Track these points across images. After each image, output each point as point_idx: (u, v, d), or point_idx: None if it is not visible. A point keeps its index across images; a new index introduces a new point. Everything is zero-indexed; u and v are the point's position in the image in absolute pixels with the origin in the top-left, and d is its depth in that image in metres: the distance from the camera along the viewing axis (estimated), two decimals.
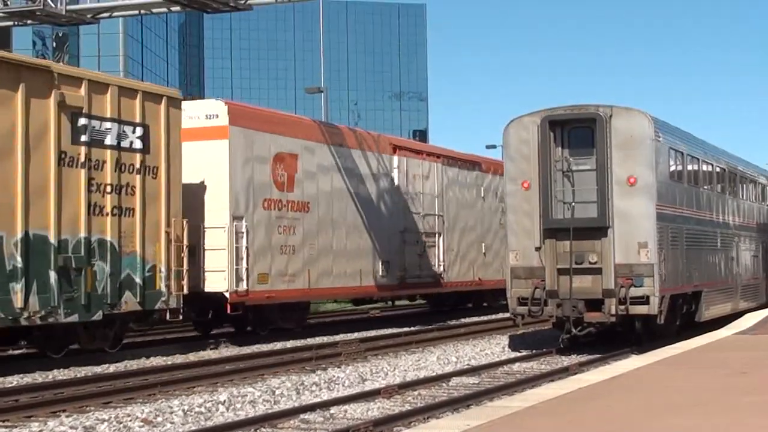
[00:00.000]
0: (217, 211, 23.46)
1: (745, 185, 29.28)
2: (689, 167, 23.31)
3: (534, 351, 21.19)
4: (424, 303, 39.24)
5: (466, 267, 33.96)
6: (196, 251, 22.80)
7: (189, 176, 22.69)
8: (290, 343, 23.34)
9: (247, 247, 23.67)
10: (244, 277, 23.55)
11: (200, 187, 23.55)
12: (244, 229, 23.69)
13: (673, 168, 22.02)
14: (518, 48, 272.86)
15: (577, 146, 20.60)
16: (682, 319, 22.46)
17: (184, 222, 21.72)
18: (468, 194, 34.67)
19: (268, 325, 25.57)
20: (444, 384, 16.44)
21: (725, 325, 21.95)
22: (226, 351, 22.00)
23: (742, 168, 29.12)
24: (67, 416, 13.24)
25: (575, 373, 16.18)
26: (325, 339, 24.44)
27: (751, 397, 10.79)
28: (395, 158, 30.28)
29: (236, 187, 23.79)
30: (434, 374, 17.64)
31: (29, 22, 25.72)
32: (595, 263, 19.99)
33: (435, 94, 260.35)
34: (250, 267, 23.75)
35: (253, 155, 24.39)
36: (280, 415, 12.84)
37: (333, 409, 13.42)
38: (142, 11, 26.05)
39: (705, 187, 24.75)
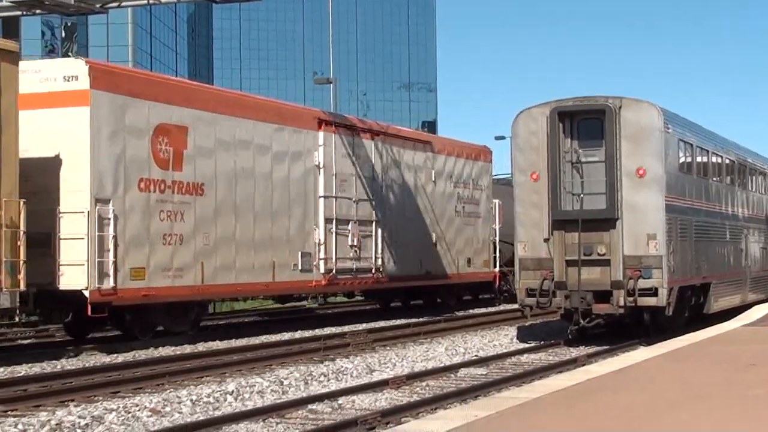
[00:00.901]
0: (75, 192, 19.60)
1: (754, 177, 29.20)
2: (698, 159, 23.25)
3: (542, 342, 21.19)
4: (373, 300, 35.36)
5: (412, 259, 29.96)
6: (50, 241, 19.34)
7: (43, 150, 19.58)
8: (298, 334, 23.36)
9: (115, 236, 19.87)
10: (111, 273, 19.77)
11: (55, 164, 19.73)
12: (110, 215, 19.87)
13: (682, 160, 21.96)
14: (528, 39, 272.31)
15: (586, 138, 20.56)
16: (691, 311, 22.43)
17: (21, 203, 18.11)
18: (415, 177, 30.72)
19: (152, 328, 21.92)
20: (452, 375, 16.45)
21: (734, 317, 21.92)
22: (235, 342, 22.00)
23: (752, 160, 29.03)
24: (75, 406, 13.28)
25: (583, 365, 16.17)
26: (333, 329, 24.45)
27: (758, 390, 10.77)
28: (321, 134, 26.12)
29: (100, 164, 19.92)
30: (442, 365, 17.65)
31: (38, 11, 25.70)
32: (604, 255, 19.96)
33: (444, 85, 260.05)
34: (120, 260, 20.03)
35: (126, 126, 20.55)
36: (288, 405, 12.86)
37: (341, 400, 13.44)
38: (151, 1, 25.99)
39: (714, 178, 24.69)
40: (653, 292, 19.80)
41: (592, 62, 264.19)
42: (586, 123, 20.58)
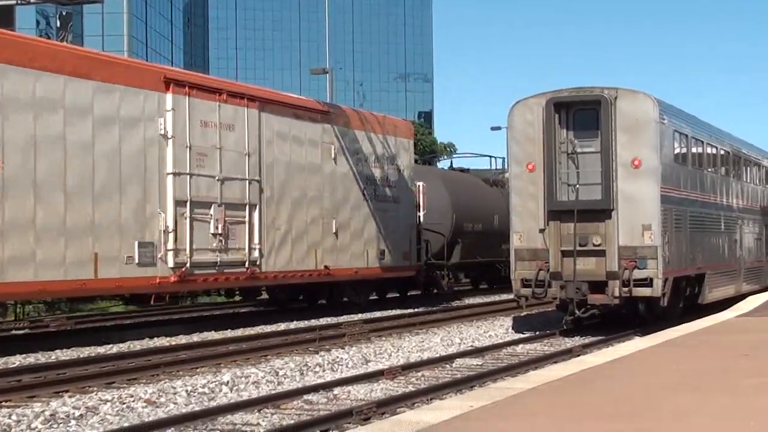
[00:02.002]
0: None
1: (749, 168, 29.22)
2: (694, 150, 23.26)
3: (537, 333, 21.21)
4: (264, 299, 30.54)
5: (303, 251, 25.40)
6: None
7: None
8: (294, 324, 23.36)
9: None
10: None
11: None
12: None
13: (677, 150, 21.97)
14: (524, 30, 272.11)
15: (582, 128, 20.56)
16: (686, 301, 22.47)
17: None
18: (309, 154, 25.93)
19: None
20: (447, 365, 16.46)
21: (728, 308, 21.96)
22: (230, 332, 22.00)
23: (747, 151, 29.05)
24: (69, 396, 13.27)
25: (578, 355, 16.20)
26: (328, 320, 24.45)
27: (753, 380, 10.79)
28: (169, 97, 21.40)
29: None
30: (438, 355, 17.66)
31: (32, 1, 25.63)
32: (599, 245, 19.97)
33: (440, 76, 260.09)
34: None
35: None
36: (283, 396, 12.86)
37: (336, 390, 13.45)
38: None
39: (709, 169, 24.70)
40: (648, 282, 19.83)
41: (588, 53, 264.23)
42: (581, 114, 20.58)
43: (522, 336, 20.89)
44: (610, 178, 19.96)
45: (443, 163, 56.86)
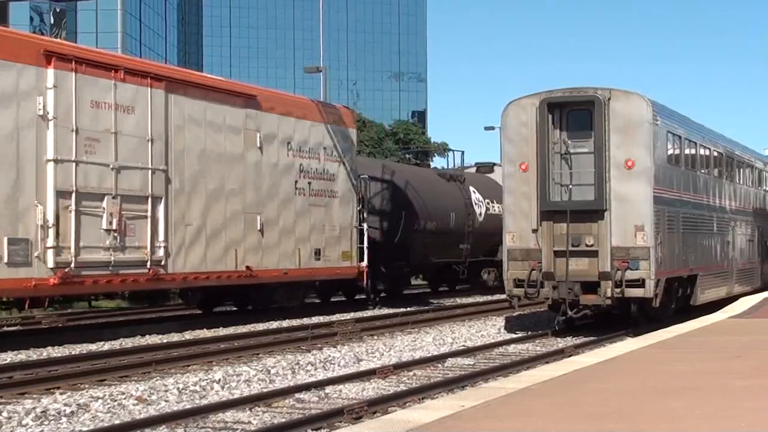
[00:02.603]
0: None
1: (742, 170, 29.27)
2: (687, 151, 23.28)
3: (530, 333, 21.22)
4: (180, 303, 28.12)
5: (220, 250, 22.86)
6: None
7: None
8: (286, 323, 23.34)
9: None
10: None
11: None
12: None
13: (670, 152, 21.99)
14: (518, 30, 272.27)
15: (575, 129, 20.57)
16: (678, 302, 22.49)
17: None
18: (229, 142, 23.40)
19: None
20: (439, 365, 16.46)
21: (720, 309, 21.98)
22: (222, 330, 21.98)
23: (740, 152, 29.10)
24: (61, 393, 13.25)
25: (570, 355, 16.20)
26: (321, 319, 24.44)
27: (745, 381, 10.80)
28: (50, 72, 18.93)
29: None
30: (430, 355, 17.66)
31: None
32: (592, 246, 19.99)
33: (434, 76, 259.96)
34: None
35: None
36: (275, 394, 12.85)
37: (328, 389, 13.44)
38: None
39: (702, 171, 24.73)
40: (641, 283, 19.84)
41: (582, 53, 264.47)
42: (575, 114, 20.59)
43: (514, 336, 20.89)
44: (603, 179, 19.98)
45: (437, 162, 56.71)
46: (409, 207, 30.97)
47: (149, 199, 20.91)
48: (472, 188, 35.71)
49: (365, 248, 28.06)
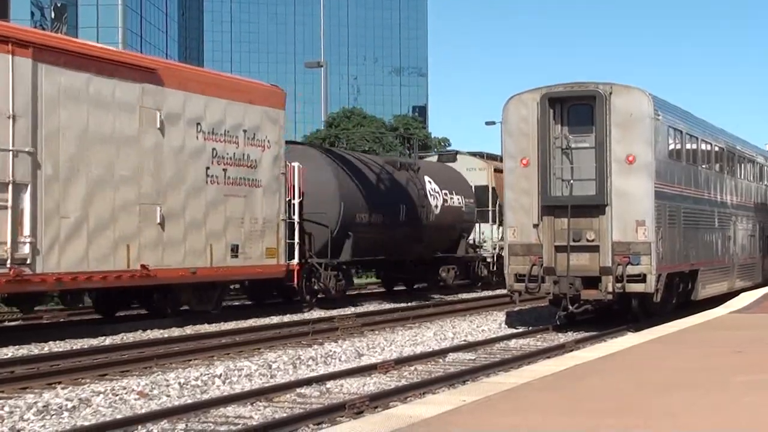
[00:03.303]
0: None
1: (743, 165, 29.25)
2: (688, 146, 23.27)
3: (530, 328, 21.23)
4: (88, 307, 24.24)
5: (107, 247, 19.83)
6: None
7: None
8: (287, 318, 23.35)
9: None
10: None
11: None
12: None
13: (671, 147, 21.98)
14: (520, 25, 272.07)
15: (576, 124, 20.56)
16: (679, 297, 22.50)
17: None
18: (120, 121, 20.31)
19: None
20: (440, 360, 16.47)
21: (721, 304, 21.99)
22: (223, 325, 22.00)
23: (741, 147, 29.09)
24: (62, 388, 13.26)
25: (571, 350, 16.22)
26: (322, 314, 24.45)
27: (745, 376, 10.81)
28: None
29: None
30: (431, 350, 17.68)
31: None
32: (593, 241, 19.99)
33: (435, 70, 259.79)
34: None
35: None
36: (276, 389, 12.86)
37: (329, 384, 13.45)
38: None
39: (703, 166, 24.72)
40: (642, 278, 19.85)
41: (584, 48, 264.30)
42: (576, 109, 20.58)
43: (515, 331, 20.91)
44: (604, 174, 19.97)
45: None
46: (349, 198, 27.73)
47: (9, 187, 17.88)
48: (427, 178, 32.52)
49: (296, 244, 25.14)
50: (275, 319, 22.99)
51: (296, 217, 25.38)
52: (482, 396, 9.49)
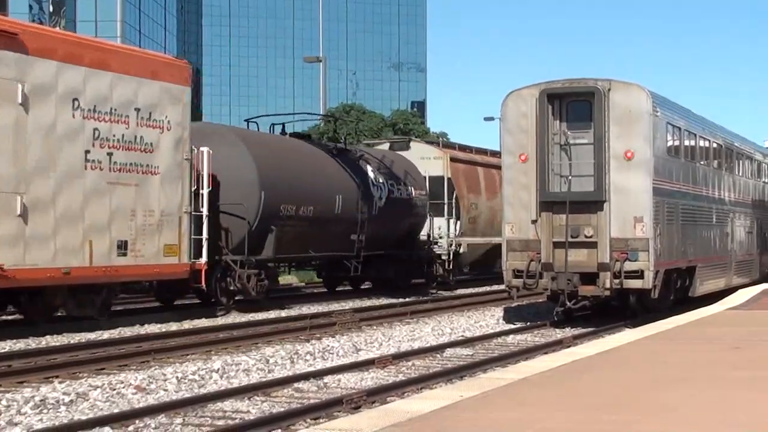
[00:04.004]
0: None
1: (741, 161, 29.27)
2: (686, 142, 23.28)
3: (528, 323, 21.24)
4: None
5: None
6: None
7: None
8: (285, 313, 23.35)
9: None
10: None
11: None
12: None
13: (670, 143, 21.99)
14: (519, 21, 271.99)
15: (575, 120, 20.56)
16: (676, 294, 22.51)
17: None
18: None
19: None
20: (438, 355, 16.48)
21: (718, 301, 22.01)
22: (221, 320, 22.00)
23: (739, 144, 29.10)
24: (60, 382, 13.26)
25: (569, 346, 16.22)
26: (319, 308, 24.45)
27: (742, 372, 10.83)
28: None
29: None
30: (428, 345, 17.69)
31: None
32: (591, 237, 20.00)
33: (434, 66, 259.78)
34: None
35: None
36: (273, 384, 12.87)
37: (327, 379, 13.46)
38: None
39: (701, 162, 24.73)
40: (639, 274, 19.86)
41: (583, 44, 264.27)
42: (575, 105, 20.58)
43: (513, 326, 20.92)
44: (602, 170, 19.98)
45: None
46: (271, 187, 24.23)
47: None
48: (370, 167, 29.32)
49: (204, 240, 22.05)
50: (273, 314, 22.99)
51: (205, 210, 22.16)
52: (480, 391, 9.49)
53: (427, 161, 33.37)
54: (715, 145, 26.02)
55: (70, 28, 77.83)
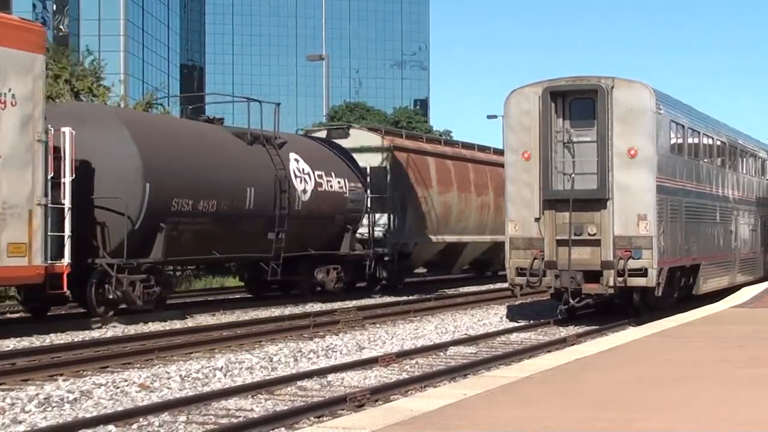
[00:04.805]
0: None
1: (745, 159, 29.23)
2: (690, 140, 23.25)
3: (532, 321, 21.23)
4: None
5: None
6: None
7: None
8: (288, 310, 23.36)
9: None
10: None
11: None
12: None
13: (673, 141, 21.97)
14: (522, 19, 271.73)
15: (578, 118, 20.55)
16: (680, 291, 22.50)
17: None
18: None
19: None
20: (441, 353, 16.48)
21: (722, 299, 21.99)
22: (224, 318, 22.01)
23: (743, 142, 29.06)
24: (64, 380, 13.28)
25: (572, 344, 16.21)
26: (323, 306, 24.46)
27: (745, 370, 10.82)
28: None
29: None
30: (432, 343, 17.68)
31: None
32: (594, 235, 19.99)
33: (437, 64, 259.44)
34: None
35: None
36: (277, 382, 12.88)
37: (330, 377, 13.46)
38: None
39: (705, 160, 24.71)
40: (643, 272, 19.85)
41: (586, 42, 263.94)
42: (578, 103, 20.57)
43: (516, 325, 20.91)
44: (605, 168, 19.96)
45: None
46: (160, 178, 21.09)
47: None
48: (294, 156, 25.68)
49: (67, 238, 18.83)
50: (276, 312, 23.00)
51: (67, 202, 18.94)
52: (483, 389, 9.49)
53: (368, 151, 30.08)
54: (718, 142, 25.99)
55: (73, 27, 77.87)
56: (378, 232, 29.22)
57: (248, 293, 28.16)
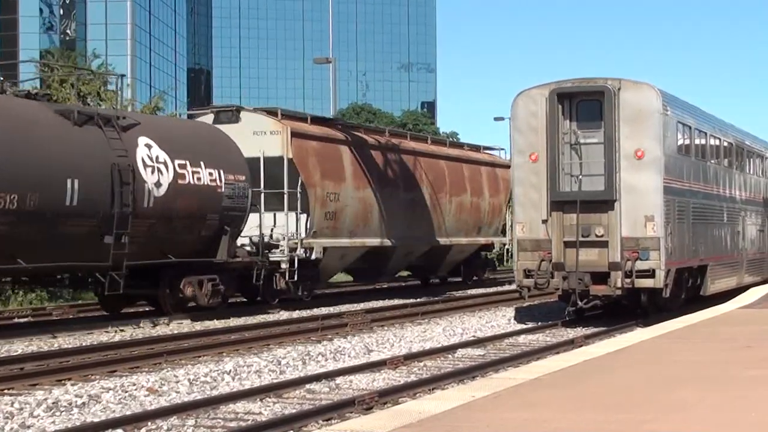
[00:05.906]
0: None
1: (752, 160, 29.19)
2: (697, 141, 23.23)
3: (539, 323, 21.22)
4: None
5: None
6: None
7: None
8: (296, 314, 23.37)
9: None
10: None
11: None
12: None
13: (680, 142, 21.95)
14: (529, 21, 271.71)
15: (585, 119, 20.54)
16: (688, 292, 22.47)
17: None
18: None
19: None
20: (449, 355, 16.47)
21: (730, 299, 21.96)
22: (232, 321, 22.02)
23: (750, 142, 29.01)
24: (72, 385, 13.29)
25: (580, 346, 16.20)
26: (330, 309, 24.46)
27: (754, 371, 10.80)
28: None
29: None
30: (440, 345, 17.68)
31: None
32: (602, 236, 19.97)
33: (444, 66, 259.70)
34: None
35: None
36: (285, 385, 12.88)
37: (338, 380, 13.47)
38: None
39: (712, 161, 24.68)
40: (651, 273, 19.83)
41: (593, 43, 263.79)
42: (585, 104, 20.56)
43: (524, 326, 20.90)
44: (613, 169, 19.95)
45: None
46: None
47: None
48: (146, 140, 20.90)
49: None
50: (284, 315, 23.01)
51: None
52: (491, 392, 9.49)
53: (262, 137, 25.39)
54: (725, 143, 25.95)
55: (80, 31, 78.01)
56: (276, 234, 25.09)
57: (103, 310, 23.10)
